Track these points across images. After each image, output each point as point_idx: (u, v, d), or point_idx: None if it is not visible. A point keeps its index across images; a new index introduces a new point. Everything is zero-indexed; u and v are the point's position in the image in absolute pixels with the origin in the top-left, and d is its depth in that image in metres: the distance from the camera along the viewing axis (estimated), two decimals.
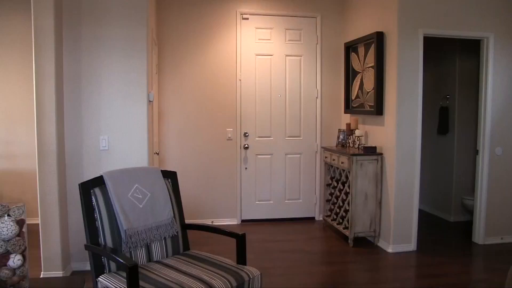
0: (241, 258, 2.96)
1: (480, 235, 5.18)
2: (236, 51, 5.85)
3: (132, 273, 2.33)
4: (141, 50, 4.14)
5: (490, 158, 5.10)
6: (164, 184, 3.15)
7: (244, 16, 5.83)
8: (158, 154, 5.29)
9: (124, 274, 2.62)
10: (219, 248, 4.69)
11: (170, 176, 3.29)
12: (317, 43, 6.07)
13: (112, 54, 4.09)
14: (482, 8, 4.95)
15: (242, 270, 2.73)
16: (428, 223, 6.15)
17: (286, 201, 6.15)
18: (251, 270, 2.76)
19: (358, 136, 5.32)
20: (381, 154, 5.00)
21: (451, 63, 6.23)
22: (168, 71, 5.70)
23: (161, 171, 3.21)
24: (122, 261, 2.42)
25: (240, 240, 2.96)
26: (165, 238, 3.04)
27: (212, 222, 5.88)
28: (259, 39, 5.90)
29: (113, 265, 2.75)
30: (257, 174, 6.02)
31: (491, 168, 5.12)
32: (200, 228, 3.29)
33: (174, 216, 3.13)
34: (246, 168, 5.98)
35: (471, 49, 5.90)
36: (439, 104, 6.43)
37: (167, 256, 3.04)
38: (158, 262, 2.90)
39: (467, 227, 5.74)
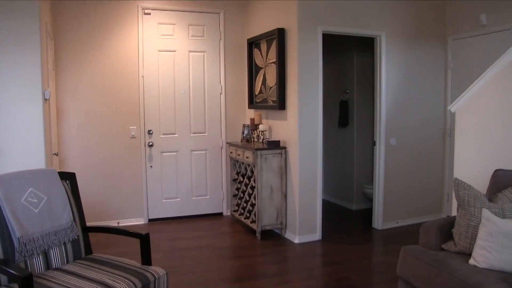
0: (146, 258, 2.90)
1: (378, 221, 5.51)
2: (138, 47, 5.68)
3: (25, 284, 2.17)
4: (34, 45, 3.86)
5: (386, 149, 5.43)
6: (62, 186, 2.98)
7: (146, 11, 5.68)
8: (57, 154, 5.01)
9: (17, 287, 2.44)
10: (124, 250, 4.55)
11: (68, 178, 3.12)
12: (220, 39, 6.07)
13: (2, 47, 3.77)
14: (375, 8, 5.24)
15: (147, 271, 2.67)
16: (332, 213, 6.42)
17: (193, 198, 6.11)
18: (156, 270, 2.70)
19: (262, 131, 5.41)
20: (284, 147, 5.13)
21: (349, 59, 6.54)
22: (67, 67, 5.40)
23: (59, 172, 3.04)
24: (13, 272, 2.26)
25: (144, 240, 2.89)
26: (64, 243, 2.88)
27: (118, 223, 5.69)
28: (161, 34, 5.78)
29: (4, 278, 2.54)
30: (163, 172, 5.91)
31: (387, 158, 5.46)
32: (102, 230, 3.17)
33: (74, 220, 2.98)
34: (151, 166, 5.85)
35: (367, 46, 6.23)
36: (339, 98, 6.72)
37: (67, 262, 2.88)
38: (57, 269, 2.74)
39: (368, 214, 6.07)
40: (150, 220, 5.91)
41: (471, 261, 2.70)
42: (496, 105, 3.55)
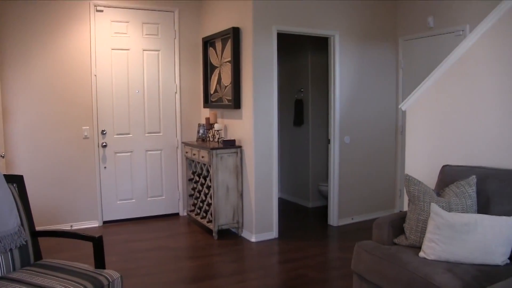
0: (100, 262, 2.83)
1: (334, 218, 5.60)
2: (91, 45, 5.53)
3: None
4: None
5: (340, 147, 5.52)
6: (8, 190, 2.87)
7: (98, 8, 5.54)
8: (3, 157, 4.82)
9: None
10: (77, 254, 4.43)
11: (15, 181, 3.00)
12: (175, 38, 6.01)
13: None
14: (329, 9, 5.33)
15: (101, 274, 2.61)
16: (289, 211, 6.47)
17: (149, 199, 6.02)
18: (110, 273, 2.65)
19: (218, 130, 5.40)
20: (240, 146, 5.13)
21: (304, 59, 6.61)
22: (14, 65, 5.19)
23: (4, 175, 2.92)
24: None
25: (97, 243, 2.83)
26: (11, 249, 2.77)
27: (71, 226, 5.54)
28: (115, 32, 5.66)
29: None
30: (117, 173, 5.80)
31: (341, 156, 5.55)
32: (52, 234, 3.07)
33: (22, 224, 2.88)
34: (105, 167, 5.72)
35: (322, 45, 6.31)
36: (295, 97, 6.78)
37: (14, 270, 2.77)
38: (2, 278, 2.64)
39: (324, 211, 6.16)
40: (104, 222, 5.78)
41: (421, 254, 2.78)
42: (443, 104, 3.67)
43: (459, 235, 2.67)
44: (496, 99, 3.28)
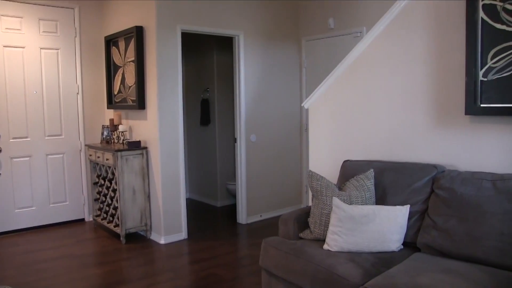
0: None
1: (243, 216, 5.67)
2: None
3: None
4: None
5: (247, 145, 5.60)
6: None
7: None
8: None
9: None
10: None
11: None
12: (75, 36, 5.74)
13: None
14: (233, 9, 5.38)
15: None
16: (197, 211, 6.45)
17: (51, 205, 5.70)
18: None
19: (122, 131, 5.25)
20: (146, 148, 5.03)
21: (210, 58, 6.62)
22: None
23: None
24: None
25: None
26: None
27: None
28: (6, 28, 5.28)
29: None
30: (14, 180, 5.42)
31: (248, 154, 5.63)
32: None
33: None
34: (0, 174, 5.33)
35: (227, 45, 6.36)
36: (201, 97, 6.77)
37: None
38: None
39: (232, 209, 6.21)
40: (0, 233, 5.38)
41: (325, 246, 2.90)
42: (343, 101, 3.85)
43: (359, 226, 2.82)
44: (388, 96, 3.51)
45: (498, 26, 2.79)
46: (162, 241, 4.95)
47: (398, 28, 3.41)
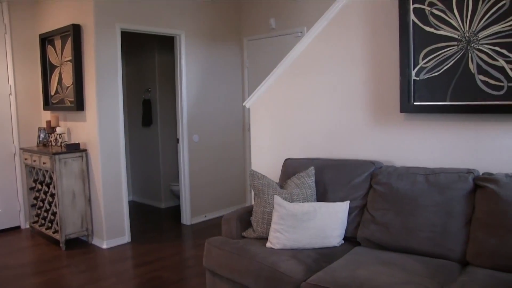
0: None
1: (187, 217, 5.63)
2: None
3: None
4: None
5: (189, 145, 5.57)
6: None
7: None
8: None
9: None
10: None
11: None
12: (5, 33, 5.46)
13: None
14: (174, 8, 5.32)
15: None
16: (141, 213, 6.35)
17: None
18: None
19: (60, 134, 5.07)
20: (85, 150, 4.89)
21: (151, 58, 6.52)
22: None
23: None
24: None
25: None
26: None
27: None
28: None
29: None
30: None
31: (191, 155, 5.60)
32: None
33: None
34: None
35: (168, 44, 6.28)
36: (142, 97, 6.66)
37: None
38: None
39: (177, 211, 6.15)
40: None
41: (268, 244, 2.93)
42: (283, 100, 3.91)
43: (301, 223, 2.87)
44: (328, 95, 3.60)
45: (427, 29, 2.94)
46: (104, 246, 4.83)
47: (336, 28, 3.50)
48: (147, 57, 6.59)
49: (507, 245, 2.36)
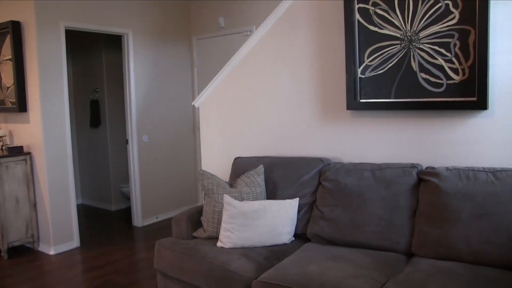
0: None
1: (138, 219, 5.54)
2: None
3: None
4: None
5: (139, 146, 5.47)
6: None
7: None
8: None
9: None
10: None
11: None
12: None
13: None
14: (121, 6, 5.22)
15: None
16: (91, 216, 6.18)
17: None
18: None
19: (2, 136, 4.87)
20: (29, 153, 4.71)
21: (98, 57, 6.36)
22: None
23: None
24: None
25: None
26: None
27: None
28: None
29: None
30: None
31: (141, 155, 5.51)
32: None
33: None
34: None
35: (116, 44, 6.14)
36: (90, 98, 6.49)
37: None
38: None
39: (128, 213, 6.03)
40: None
41: (219, 244, 2.92)
42: (232, 99, 3.91)
43: (251, 221, 2.87)
44: (276, 93, 3.63)
45: (372, 28, 3.01)
46: (51, 252, 4.67)
47: (284, 27, 3.53)
48: (95, 57, 6.42)
49: (448, 236, 2.46)
